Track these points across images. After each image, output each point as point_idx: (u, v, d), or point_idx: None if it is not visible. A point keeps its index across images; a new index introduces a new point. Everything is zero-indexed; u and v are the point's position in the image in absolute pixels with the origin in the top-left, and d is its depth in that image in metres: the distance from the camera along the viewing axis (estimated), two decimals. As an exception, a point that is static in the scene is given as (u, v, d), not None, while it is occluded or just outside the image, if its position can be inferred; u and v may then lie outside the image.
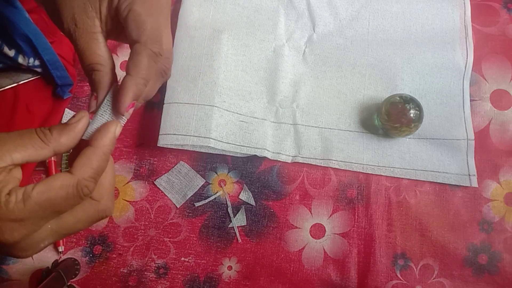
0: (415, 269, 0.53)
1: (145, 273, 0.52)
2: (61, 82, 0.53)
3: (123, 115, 0.30)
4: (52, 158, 0.52)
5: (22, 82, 0.52)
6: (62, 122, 0.55)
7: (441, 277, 0.53)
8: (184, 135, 0.52)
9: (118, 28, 0.31)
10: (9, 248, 0.26)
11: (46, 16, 0.53)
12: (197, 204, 0.54)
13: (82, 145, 0.29)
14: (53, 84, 0.54)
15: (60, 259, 0.51)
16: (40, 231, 0.27)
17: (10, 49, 0.49)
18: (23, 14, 0.48)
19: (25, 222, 0.25)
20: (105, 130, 0.28)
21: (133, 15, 0.29)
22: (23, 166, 0.51)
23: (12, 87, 0.52)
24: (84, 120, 0.28)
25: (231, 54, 0.57)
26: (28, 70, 0.52)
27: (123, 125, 0.31)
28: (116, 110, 0.30)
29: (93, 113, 0.30)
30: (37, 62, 0.51)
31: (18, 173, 0.27)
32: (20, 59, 0.49)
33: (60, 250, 0.51)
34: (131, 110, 0.30)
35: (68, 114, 0.55)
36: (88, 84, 0.57)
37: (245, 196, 0.55)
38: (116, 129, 0.29)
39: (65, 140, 0.27)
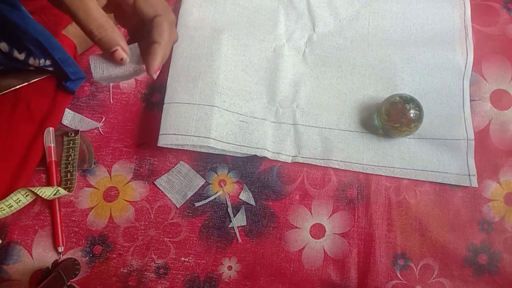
0: (415, 269, 0.53)
1: (145, 273, 0.52)
2: (75, 77, 0.54)
3: (153, 77, 0.36)
4: (53, 158, 0.52)
5: (33, 81, 0.53)
6: (63, 122, 0.55)
7: (441, 277, 0.53)
8: (184, 135, 0.52)
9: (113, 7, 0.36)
10: None
11: (47, 17, 0.53)
12: (197, 204, 0.54)
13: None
14: (59, 81, 0.54)
15: (60, 259, 0.51)
16: None
17: (20, 53, 0.49)
18: (29, 17, 0.48)
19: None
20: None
21: None
22: (24, 167, 0.51)
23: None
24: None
25: (231, 54, 0.57)
26: (38, 69, 0.52)
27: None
28: (148, 72, 0.36)
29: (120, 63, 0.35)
30: (48, 62, 0.51)
31: None
32: (31, 61, 0.50)
33: (60, 250, 0.51)
34: (158, 73, 0.36)
35: (68, 114, 0.55)
36: (87, 84, 0.57)
37: (245, 196, 0.55)
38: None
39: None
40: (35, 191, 0.49)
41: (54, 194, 0.50)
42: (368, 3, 0.62)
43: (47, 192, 0.50)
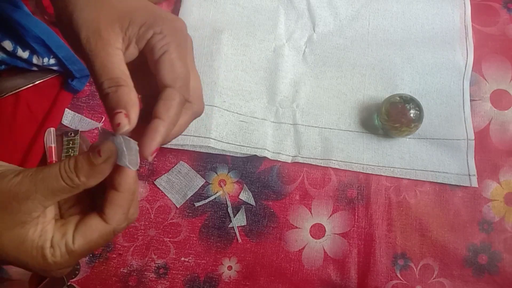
0: (415, 269, 0.53)
1: (145, 273, 0.52)
2: (80, 75, 0.54)
3: (148, 159, 0.27)
4: (54, 158, 0.52)
5: (37, 82, 0.53)
6: (63, 122, 0.55)
7: (441, 277, 0.53)
8: (184, 135, 0.52)
9: (133, 59, 0.30)
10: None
11: (48, 17, 0.53)
12: (197, 204, 0.54)
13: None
14: (64, 80, 0.55)
15: (60, 259, 0.51)
16: None
17: (24, 51, 0.49)
18: (31, 16, 0.49)
19: (70, 266, 0.28)
20: (125, 174, 0.27)
21: (169, 57, 0.29)
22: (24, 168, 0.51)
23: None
24: (112, 160, 0.26)
25: (231, 54, 0.57)
26: (42, 69, 0.52)
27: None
28: (140, 153, 0.27)
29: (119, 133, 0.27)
30: (52, 61, 0.52)
31: (50, 212, 0.28)
32: (35, 60, 0.50)
33: (60, 250, 0.51)
34: (154, 155, 0.27)
35: (68, 114, 0.55)
36: (87, 84, 0.57)
37: (245, 196, 0.55)
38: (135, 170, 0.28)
39: (93, 182, 0.27)
40: None
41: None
42: (368, 3, 0.61)
43: None
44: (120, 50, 0.28)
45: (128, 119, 0.26)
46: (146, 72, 0.30)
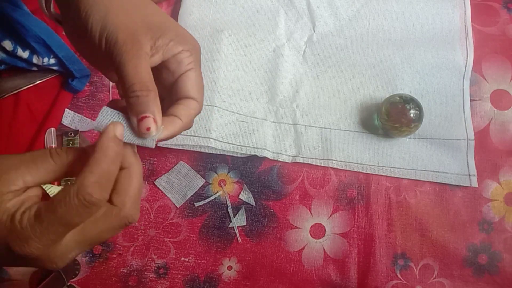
0: (415, 269, 0.53)
1: (145, 273, 0.52)
2: (80, 75, 0.54)
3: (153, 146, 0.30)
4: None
5: (38, 82, 0.53)
6: (63, 122, 0.55)
7: (441, 277, 0.53)
8: (184, 135, 0.52)
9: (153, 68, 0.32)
10: (36, 261, 0.26)
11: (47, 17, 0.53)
12: (197, 204, 0.54)
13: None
14: (64, 80, 0.55)
15: (60, 259, 0.51)
16: (64, 243, 0.26)
17: (24, 51, 0.49)
18: (31, 16, 0.49)
19: (40, 238, 0.25)
20: (103, 132, 0.26)
21: (195, 74, 0.33)
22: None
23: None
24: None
25: (231, 54, 0.57)
26: (42, 69, 0.52)
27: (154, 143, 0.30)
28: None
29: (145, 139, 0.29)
30: (53, 60, 0.52)
31: (34, 191, 0.27)
32: (35, 60, 0.50)
33: (60, 250, 0.51)
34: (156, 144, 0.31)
35: (68, 114, 0.55)
36: (87, 84, 0.57)
37: (245, 196, 0.55)
38: (115, 128, 0.27)
39: (81, 164, 0.26)
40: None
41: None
42: (368, 3, 0.61)
43: (52, 189, 0.50)
44: (148, 56, 0.30)
45: (156, 124, 0.29)
46: (155, 76, 0.32)
